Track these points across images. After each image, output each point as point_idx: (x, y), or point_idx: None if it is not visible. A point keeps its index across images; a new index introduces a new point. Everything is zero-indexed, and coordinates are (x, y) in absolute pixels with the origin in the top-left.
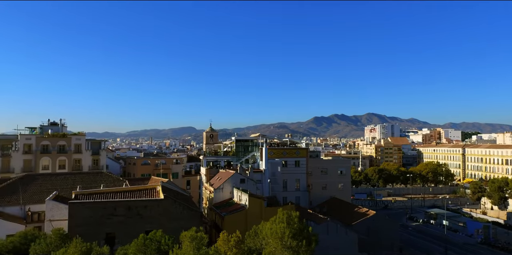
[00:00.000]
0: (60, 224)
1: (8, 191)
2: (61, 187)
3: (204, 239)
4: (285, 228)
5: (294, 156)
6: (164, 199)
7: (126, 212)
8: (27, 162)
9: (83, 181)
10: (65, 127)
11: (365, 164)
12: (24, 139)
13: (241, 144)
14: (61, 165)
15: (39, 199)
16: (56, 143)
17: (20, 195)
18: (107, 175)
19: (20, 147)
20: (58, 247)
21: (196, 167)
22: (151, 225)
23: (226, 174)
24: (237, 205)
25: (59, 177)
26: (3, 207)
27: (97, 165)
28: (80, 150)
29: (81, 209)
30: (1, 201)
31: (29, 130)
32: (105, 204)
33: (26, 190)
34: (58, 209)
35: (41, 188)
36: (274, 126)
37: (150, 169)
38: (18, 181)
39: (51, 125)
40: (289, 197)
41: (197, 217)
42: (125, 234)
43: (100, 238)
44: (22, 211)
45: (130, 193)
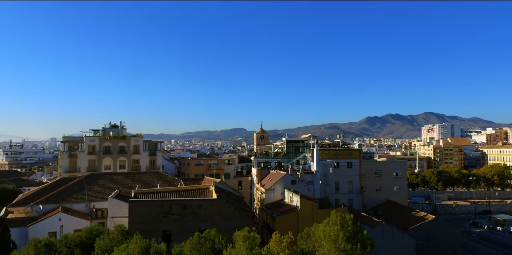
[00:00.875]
0: (121, 220)
1: (75, 189)
2: (121, 186)
3: (257, 239)
4: (338, 231)
5: (346, 157)
6: (217, 199)
7: (181, 211)
8: (92, 162)
9: (141, 180)
10: (125, 129)
11: (423, 166)
12: (89, 140)
13: (291, 145)
14: (121, 165)
15: (103, 197)
16: (117, 144)
17: (86, 193)
18: (163, 175)
19: (85, 148)
20: (120, 243)
21: (247, 167)
22: (205, 224)
23: (277, 175)
24: (288, 206)
25: (120, 176)
26: (71, 204)
27: (153, 165)
28: (138, 151)
29: (140, 207)
30: (69, 198)
31: (93, 132)
32: (162, 203)
33: (91, 188)
34: (119, 206)
35: (104, 187)
36: (325, 127)
37: (203, 170)
38: (83, 180)
39: (112, 128)
40: (341, 199)
41: (249, 217)
42: (181, 232)
43: (157, 235)
44: (87, 208)
45: (184, 193)
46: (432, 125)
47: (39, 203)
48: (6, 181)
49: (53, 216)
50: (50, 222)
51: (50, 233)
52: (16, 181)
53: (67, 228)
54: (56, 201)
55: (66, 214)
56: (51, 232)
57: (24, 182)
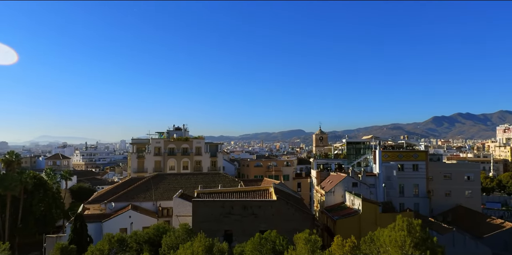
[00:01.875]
0: (185, 219)
1: (143, 189)
2: (185, 186)
3: (318, 242)
4: (405, 237)
5: (411, 159)
6: (277, 200)
7: (242, 211)
8: (157, 163)
9: (203, 181)
10: (187, 131)
11: (498, 169)
12: (155, 143)
13: (352, 147)
14: (185, 166)
15: (168, 196)
16: (180, 146)
17: (153, 192)
18: (224, 175)
19: (151, 150)
20: (184, 241)
21: (307, 169)
22: (265, 225)
23: (337, 177)
24: (349, 209)
25: (183, 177)
26: (139, 203)
27: (214, 166)
28: (200, 152)
29: (202, 207)
30: (138, 197)
31: (158, 134)
32: (224, 203)
33: (157, 188)
34: (183, 205)
35: (169, 187)
36: (387, 128)
37: (262, 171)
38: (150, 180)
39: (175, 130)
40: (406, 203)
41: (309, 220)
42: (241, 232)
43: (219, 234)
44: (154, 206)
45: (245, 194)
46: (509, 125)
47: (111, 201)
48: (82, 180)
49: (124, 213)
50: (121, 219)
51: (122, 229)
52: (91, 180)
53: (136, 225)
54: (127, 200)
55: (135, 212)
56: (122, 228)
57: (98, 181)
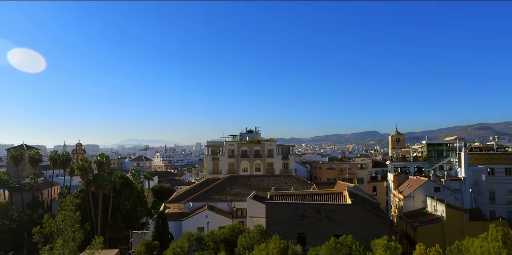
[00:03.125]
0: (258, 220)
1: (218, 189)
2: (258, 187)
3: (399, 249)
4: (500, 248)
5: (503, 163)
6: (352, 204)
7: (315, 215)
8: (231, 165)
9: (275, 183)
10: (259, 134)
11: None
12: (228, 145)
13: (433, 149)
14: (257, 168)
15: (242, 197)
16: (253, 148)
17: (227, 193)
18: (296, 178)
19: (225, 152)
20: (259, 242)
21: (382, 172)
22: (340, 229)
23: (417, 181)
24: (431, 215)
25: (256, 178)
26: (215, 203)
27: (286, 168)
28: (272, 154)
29: (276, 209)
30: (213, 198)
31: (232, 137)
32: (297, 206)
33: (231, 189)
34: (256, 207)
35: (242, 188)
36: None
37: (335, 174)
38: (225, 181)
39: (248, 133)
40: (498, 211)
41: (387, 225)
42: (315, 236)
43: (293, 237)
44: (229, 207)
45: (318, 196)
46: None
47: (189, 201)
48: (163, 181)
49: (201, 213)
50: (199, 218)
51: (199, 228)
52: (170, 181)
53: (212, 225)
54: (203, 200)
55: (211, 212)
56: (199, 227)
57: (177, 182)
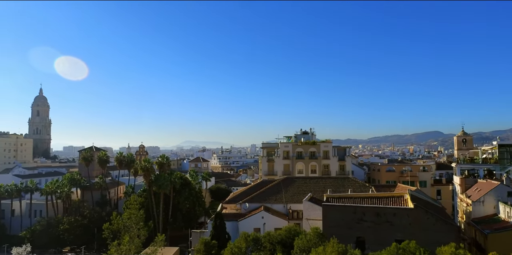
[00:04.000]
0: (315, 223)
1: (274, 191)
2: (314, 189)
3: None
4: None
5: None
6: (414, 208)
7: (374, 218)
8: (286, 166)
9: (332, 185)
10: (314, 135)
11: None
12: (283, 146)
13: (506, 150)
14: (313, 170)
15: (298, 199)
16: (308, 149)
17: (283, 195)
18: (353, 180)
19: (280, 153)
20: (316, 244)
21: (447, 175)
22: (401, 234)
23: (488, 185)
24: (504, 222)
25: (312, 180)
26: (271, 204)
27: (343, 170)
28: (328, 156)
29: (333, 211)
30: (269, 199)
31: (286, 139)
32: (355, 209)
33: (287, 190)
34: (313, 209)
35: (298, 190)
36: None
37: (395, 176)
38: (281, 183)
39: (303, 134)
40: None
41: (453, 232)
42: (375, 240)
43: (351, 241)
44: (284, 208)
45: (377, 200)
46: None
47: (245, 202)
48: (219, 181)
49: (257, 214)
50: (255, 219)
51: (255, 228)
52: (227, 181)
53: (268, 226)
54: (259, 201)
55: (267, 213)
56: (256, 228)
57: (233, 183)
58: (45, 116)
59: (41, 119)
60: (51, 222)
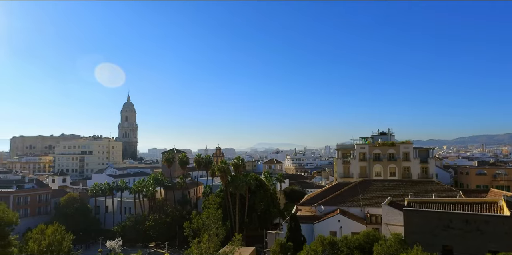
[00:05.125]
0: (395, 228)
1: (350, 194)
2: (393, 193)
3: None
4: None
5: None
6: (511, 216)
7: (463, 226)
8: (363, 168)
9: (413, 189)
10: (393, 136)
11: None
12: (359, 148)
13: None
14: (391, 172)
15: (376, 203)
16: (386, 151)
17: (360, 198)
18: (437, 184)
19: (356, 155)
20: (397, 251)
21: None
22: (496, 244)
23: None
24: None
25: (391, 183)
26: (347, 208)
27: (425, 173)
28: (408, 158)
29: (415, 217)
30: (345, 202)
31: (362, 140)
32: (440, 215)
33: (364, 194)
34: (393, 214)
35: (376, 193)
36: None
37: (487, 180)
38: (357, 186)
39: (380, 135)
40: None
41: None
42: (464, 250)
43: (436, 249)
44: (362, 212)
45: (465, 206)
46: None
47: (321, 204)
48: (294, 183)
49: (333, 217)
50: (331, 222)
51: (331, 232)
52: (301, 183)
53: (345, 230)
54: (335, 204)
55: (343, 217)
56: (332, 232)
57: (307, 185)
58: (132, 121)
59: (129, 124)
60: (139, 219)
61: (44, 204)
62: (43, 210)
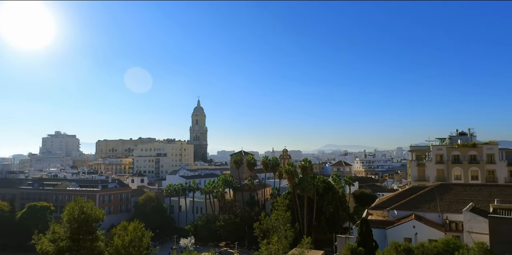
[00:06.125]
0: (479, 237)
1: (426, 199)
2: (476, 198)
3: None
4: None
5: None
6: None
7: None
8: (440, 171)
9: (500, 194)
10: (474, 136)
11: None
12: (436, 149)
13: None
14: (473, 176)
15: (456, 208)
16: (467, 153)
17: (438, 203)
18: None
19: (432, 157)
20: None
21: None
22: None
23: None
24: None
25: (473, 188)
26: (423, 213)
27: None
28: (493, 160)
29: (503, 225)
30: (421, 207)
31: (439, 141)
32: None
33: (442, 198)
34: (476, 221)
35: (456, 198)
36: None
37: None
38: (434, 190)
39: (459, 135)
40: None
41: None
42: None
43: None
44: (439, 218)
45: None
46: None
47: (394, 209)
48: (363, 186)
49: (408, 222)
50: (405, 228)
51: (406, 238)
52: (371, 187)
53: (421, 236)
54: (409, 209)
55: (419, 222)
56: (406, 238)
57: (378, 188)
58: (202, 125)
59: (199, 127)
60: (210, 219)
61: (125, 203)
62: (124, 208)
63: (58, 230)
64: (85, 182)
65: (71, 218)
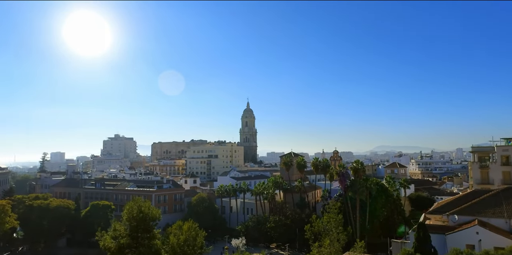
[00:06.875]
0: None
1: (490, 203)
2: None
3: None
4: None
5: None
6: None
7: None
8: (506, 174)
9: None
10: None
11: None
12: (501, 150)
13: None
14: None
15: None
16: None
17: (504, 208)
18: None
19: (497, 158)
20: None
21: None
22: None
23: None
24: None
25: None
26: (487, 218)
27: None
28: None
29: None
30: (485, 212)
31: (505, 141)
32: None
33: (509, 203)
34: None
35: None
36: None
37: None
38: (500, 193)
39: None
40: None
41: None
42: None
43: None
44: (506, 224)
45: None
46: None
47: (454, 213)
48: (420, 189)
49: (470, 228)
50: (467, 234)
51: (468, 245)
52: (428, 190)
53: (485, 243)
54: (471, 213)
55: (483, 228)
56: (468, 245)
57: (436, 191)
58: (252, 126)
59: (249, 129)
60: (260, 220)
61: (179, 203)
62: (178, 208)
63: (119, 227)
64: (142, 183)
65: (130, 217)
